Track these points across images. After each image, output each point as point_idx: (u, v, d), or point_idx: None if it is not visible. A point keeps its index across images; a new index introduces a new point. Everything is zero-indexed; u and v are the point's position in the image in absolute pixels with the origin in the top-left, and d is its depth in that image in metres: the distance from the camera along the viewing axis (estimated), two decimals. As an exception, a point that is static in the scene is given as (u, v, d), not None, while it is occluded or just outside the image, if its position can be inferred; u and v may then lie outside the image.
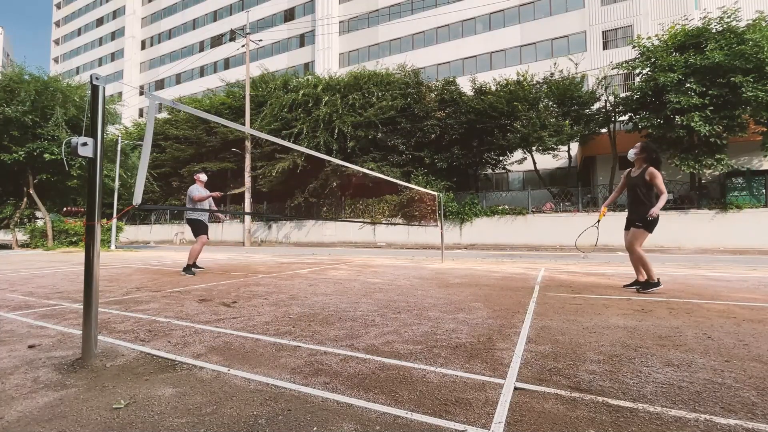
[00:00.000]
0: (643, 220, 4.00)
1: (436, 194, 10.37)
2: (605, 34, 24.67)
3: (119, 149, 16.27)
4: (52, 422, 1.37)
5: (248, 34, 23.04)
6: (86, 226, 2.01)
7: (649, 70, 15.09)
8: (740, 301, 3.62)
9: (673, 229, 14.73)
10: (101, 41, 54.92)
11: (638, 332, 2.53)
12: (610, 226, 15.67)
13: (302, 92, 21.48)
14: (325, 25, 34.32)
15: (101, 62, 54.05)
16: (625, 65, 16.00)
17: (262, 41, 31.52)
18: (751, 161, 17.31)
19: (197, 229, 6.28)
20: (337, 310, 3.29)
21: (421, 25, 30.59)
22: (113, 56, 52.79)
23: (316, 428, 1.32)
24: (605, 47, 24.52)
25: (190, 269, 6.07)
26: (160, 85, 46.95)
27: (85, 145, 1.94)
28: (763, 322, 2.82)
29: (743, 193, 15.11)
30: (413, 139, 20.00)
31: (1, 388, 1.67)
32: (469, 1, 28.50)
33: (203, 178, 6.57)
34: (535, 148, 17.97)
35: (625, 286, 4.44)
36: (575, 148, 21.27)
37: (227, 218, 23.55)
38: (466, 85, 20.32)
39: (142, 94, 42.95)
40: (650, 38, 15.54)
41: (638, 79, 16.21)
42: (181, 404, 1.50)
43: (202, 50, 43.84)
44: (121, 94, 41.41)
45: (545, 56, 25.64)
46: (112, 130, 18.11)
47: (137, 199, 2.27)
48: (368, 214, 20.77)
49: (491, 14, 28.18)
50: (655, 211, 3.91)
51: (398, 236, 19.53)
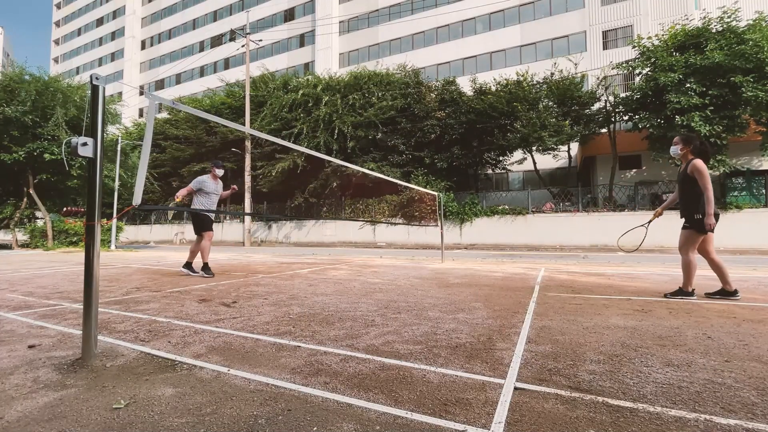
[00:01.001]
0: (690, 219, 3.68)
1: (436, 194, 10.37)
2: (605, 34, 24.67)
3: (119, 149, 16.27)
4: (52, 422, 1.37)
5: (248, 34, 23.05)
6: (86, 226, 2.01)
7: (649, 70, 15.09)
8: (740, 301, 3.62)
9: (673, 229, 14.64)
10: (101, 41, 54.92)
11: (638, 332, 2.53)
12: (610, 227, 15.82)
13: (302, 92, 21.48)
14: (325, 25, 34.32)
15: (101, 62, 54.05)
16: (625, 65, 16.00)
17: (262, 41, 31.52)
18: (751, 161, 17.31)
19: (199, 224, 5.77)
20: (337, 310, 3.29)
21: (421, 25, 30.59)
22: (113, 56, 52.79)
23: (316, 428, 1.32)
24: (605, 47, 24.52)
25: (207, 269, 5.63)
26: (160, 85, 46.94)
27: (85, 145, 1.94)
28: (763, 322, 2.82)
29: (743, 193, 15.11)
30: (413, 139, 20.00)
31: (1, 388, 1.67)
32: (469, 1, 28.49)
33: (219, 172, 6.01)
34: (535, 148, 17.97)
35: (707, 294, 3.90)
36: (575, 148, 21.27)
37: (236, 219, 23.48)
38: (466, 85, 20.32)
39: (142, 94, 42.95)
40: (650, 38, 15.54)
41: (638, 79, 16.22)
42: (181, 404, 1.50)
43: (202, 50, 43.84)
44: (121, 94, 41.40)
45: (545, 56, 25.64)
46: (112, 130, 18.11)
47: (137, 199, 2.27)
48: (368, 214, 20.77)
49: (491, 14, 28.18)
50: (708, 219, 3.53)
51: (398, 236, 19.53)
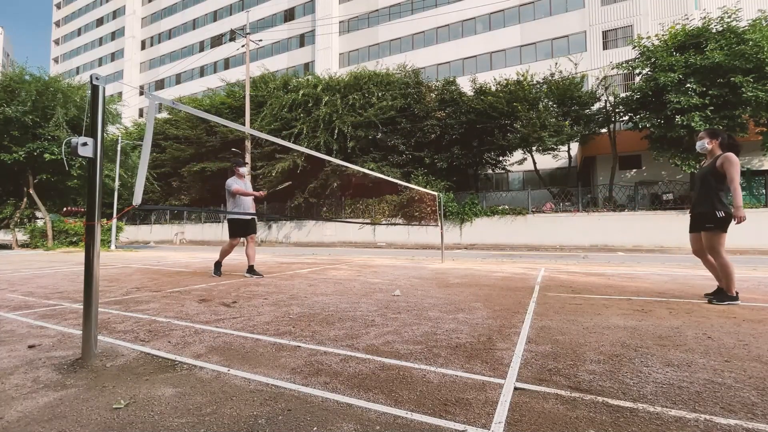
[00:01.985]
0: (713, 218, 3.43)
1: (436, 194, 10.37)
2: (605, 34, 24.68)
3: (119, 149, 16.28)
4: (52, 422, 1.37)
5: (248, 34, 23.04)
6: (86, 226, 2.01)
7: (649, 70, 15.10)
8: (740, 301, 3.62)
9: (673, 228, 14.73)
10: (101, 41, 54.93)
11: (638, 332, 2.53)
12: (608, 227, 15.84)
13: (302, 92, 21.48)
14: (325, 25, 34.32)
15: (101, 62, 54.06)
16: (625, 65, 16.00)
17: (262, 41, 31.52)
18: (751, 161, 17.31)
19: (231, 228, 5.70)
20: (337, 310, 3.29)
21: (421, 25, 30.59)
22: (113, 56, 52.79)
23: (316, 428, 1.32)
24: (605, 47, 24.52)
25: (216, 266, 5.71)
26: (160, 85, 46.95)
27: (85, 145, 1.94)
28: (763, 322, 2.82)
29: (743, 193, 15.07)
30: (413, 139, 20.00)
31: (1, 388, 1.67)
32: (469, 1, 28.49)
33: (243, 171, 5.83)
34: (535, 148, 17.98)
35: (707, 294, 3.79)
36: (575, 148, 21.28)
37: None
38: (466, 85, 20.32)
39: (142, 94, 42.97)
40: (650, 38, 15.54)
41: (638, 79, 16.22)
42: (181, 404, 1.50)
43: (202, 50, 43.84)
44: (121, 94, 41.40)
45: (545, 56, 25.64)
46: (112, 130, 18.12)
47: (137, 199, 2.27)
48: (368, 214, 20.77)
49: (491, 14, 28.18)
50: (739, 212, 3.33)
51: (398, 236, 19.53)
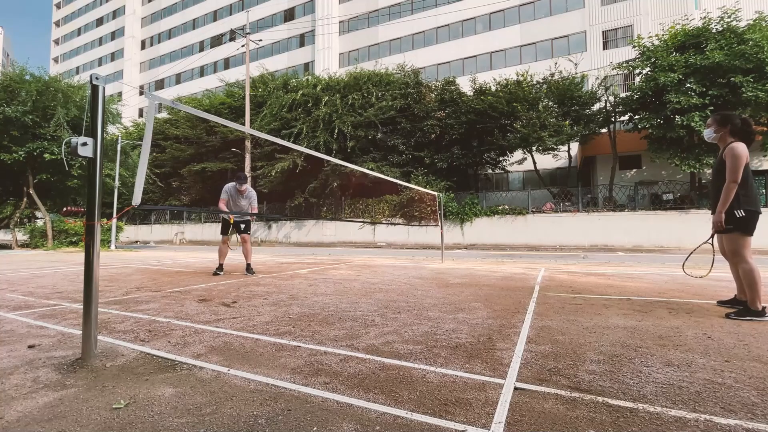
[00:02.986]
0: (731, 218, 2.96)
1: (436, 194, 10.37)
2: (605, 34, 24.67)
3: (119, 149, 16.28)
4: (52, 422, 1.37)
5: (248, 34, 23.05)
6: (86, 226, 2.01)
7: (649, 70, 15.09)
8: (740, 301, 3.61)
9: (673, 228, 14.73)
10: (101, 41, 54.92)
11: (638, 332, 2.53)
12: (608, 226, 15.84)
13: (302, 92, 21.48)
14: (325, 25, 34.32)
15: (101, 62, 54.05)
16: (625, 65, 16.00)
17: (262, 41, 31.51)
18: (751, 161, 17.28)
19: (222, 226, 6.33)
20: (337, 310, 3.29)
21: (421, 25, 30.59)
22: (113, 56, 52.78)
23: (316, 428, 1.32)
24: (605, 47, 24.52)
25: (218, 268, 6.15)
26: (160, 85, 46.94)
27: (84, 145, 1.94)
28: (763, 322, 2.82)
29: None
30: (413, 139, 20.00)
31: (1, 388, 1.67)
32: (469, 1, 28.49)
33: (243, 187, 6.00)
34: (535, 148, 17.97)
35: (720, 302, 3.44)
36: (575, 148, 21.27)
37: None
38: (466, 85, 20.32)
39: (142, 94, 42.95)
40: (650, 38, 15.53)
41: (638, 79, 16.21)
42: (181, 404, 1.50)
43: (201, 50, 43.83)
44: (121, 94, 41.39)
45: (545, 56, 25.64)
46: (112, 129, 18.12)
47: (137, 199, 2.27)
48: (368, 214, 20.77)
49: (491, 14, 28.18)
50: (716, 217, 2.98)
51: (398, 236, 19.53)
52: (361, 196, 21.03)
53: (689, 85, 13.68)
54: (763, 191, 14.95)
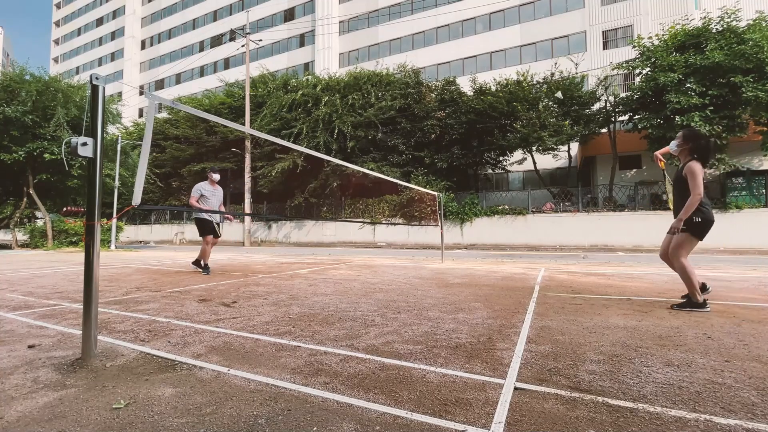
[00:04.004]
0: (687, 222, 3.33)
1: (436, 194, 10.37)
2: (605, 34, 24.67)
3: (119, 148, 16.28)
4: (52, 422, 1.37)
5: (248, 34, 23.04)
6: (86, 226, 2.01)
7: (649, 70, 15.09)
8: (740, 301, 3.62)
9: (673, 229, 14.70)
10: (101, 41, 54.91)
11: (638, 332, 2.53)
12: (608, 226, 15.83)
13: (301, 92, 21.48)
14: (325, 25, 34.32)
15: (101, 62, 54.04)
16: (625, 65, 15.99)
17: (262, 41, 31.52)
18: (751, 161, 17.31)
19: (200, 228, 6.21)
20: (337, 310, 3.29)
21: (421, 25, 30.59)
22: (113, 56, 52.77)
23: (316, 428, 1.32)
24: (605, 47, 24.52)
25: (204, 267, 6.06)
26: (160, 85, 46.94)
27: (84, 145, 1.94)
28: (763, 322, 2.82)
29: (743, 193, 15.10)
30: (413, 139, 19.99)
31: (1, 388, 1.67)
32: (469, 1, 28.49)
33: (216, 177, 6.32)
34: (535, 148, 17.97)
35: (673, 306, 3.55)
36: (575, 148, 21.27)
37: (236, 220, 23.41)
38: (466, 85, 20.31)
39: (142, 93, 42.95)
40: (650, 38, 15.53)
41: (638, 79, 16.21)
42: (181, 404, 1.50)
43: (201, 50, 43.82)
44: (121, 94, 41.41)
45: (545, 56, 25.64)
46: (112, 129, 18.12)
47: (137, 199, 2.27)
48: (368, 214, 20.76)
49: (491, 14, 28.17)
50: (675, 223, 3.31)
51: (398, 236, 19.53)
52: (361, 196, 21.03)
53: (689, 85, 13.68)
54: (763, 191, 14.95)
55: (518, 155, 20.11)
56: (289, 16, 38.09)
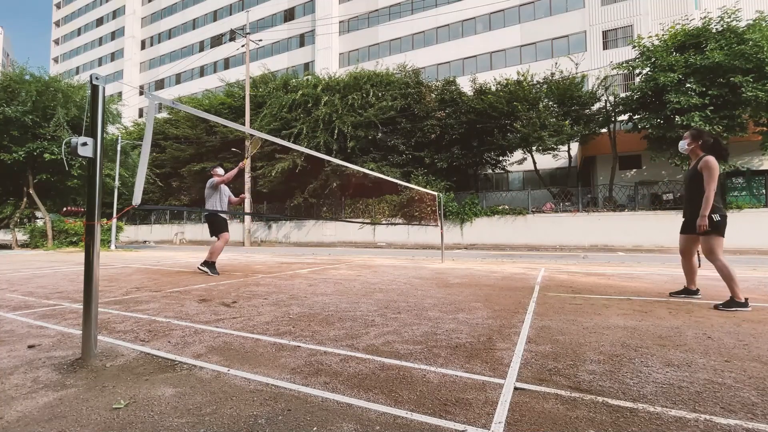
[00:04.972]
0: (710, 223, 3.36)
1: (436, 194, 10.37)
2: (605, 34, 24.67)
3: (119, 148, 16.28)
4: (52, 422, 1.37)
5: (248, 34, 23.04)
6: (86, 226, 2.01)
7: (649, 70, 15.08)
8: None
9: (673, 228, 14.64)
10: (101, 41, 54.92)
11: (638, 332, 2.53)
12: (608, 226, 15.83)
13: (301, 92, 21.48)
14: (325, 25, 34.32)
15: (101, 62, 54.06)
16: (625, 65, 15.99)
17: (262, 41, 31.52)
18: (751, 161, 17.31)
19: (218, 224, 6.05)
20: (337, 310, 3.29)
21: (421, 25, 30.59)
22: (113, 56, 52.78)
23: (316, 428, 1.32)
24: (605, 47, 24.52)
25: (213, 267, 5.90)
26: (160, 85, 46.94)
27: (84, 145, 1.94)
28: (763, 322, 2.82)
29: (743, 193, 15.10)
30: (413, 139, 19.99)
31: (1, 388, 1.67)
32: (469, 1, 28.50)
33: (220, 171, 6.28)
34: (535, 148, 17.97)
35: (671, 293, 3.94)
36: (575, 148, 21.28)
37: (236, 219, 23.43)
38: (466, 85, 20.31)
39: (142, 94, 42.96)
40: (650, 38, 15.53)
41: (638, 79, 16.21)
42: (181, 404, 1.50)
43: (201, 50, 43.83)
44: (121, 94, 41.40)
45: (545, 56, 25.64)
46: (112, 129, 18.13)
47: (137, 199, 2.27)
48: (368, 214, 20.76)
49: (491, 14, 28.18)
50: (700, 220, 3.32)
51: (398, 236, 19.53)
52: (361, 196, 21.02)
53: (689, 85, 13.68)
54: (763, 191, 14.95)
55: (518, 155, 20.11)
56: (289, 16, 38.10)
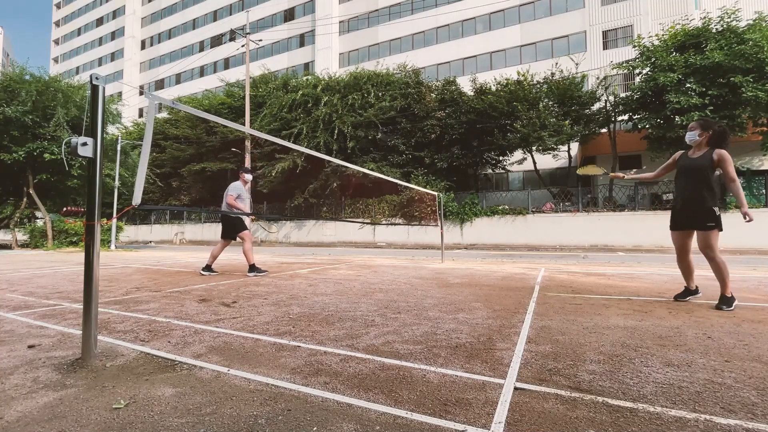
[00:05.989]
0: (712, 216, 3.28)
1: (436, 194, 10.37)
2: (605, 34, 24.67)
3: (119, 148, 16.28)
4: (52, 422, 1.37)
5: (248, 34, 23.04)
6: (86, 226, 2.01)
7: (649, 70, 15.09)
8: (740, 301, 3.62)
9: (673, 229, 14.70)
10: (101, 41, 54.93)
11: (638, 332, 2.53)
12: (608, 227, 15.83)
13: (301, 92, 21.48)
14: (325, 25, 34.32)
15: (101, 62, 54.06)
16: (625, 65, 16.00)
17: (262, 41, 31.51)
18: (751, 161, 17.32)
19: (237, 226, 5.98)
20: (337, 310, 3.29)
21: (421, 25, 30.59)
22: (113, 56, 52.79)
23: (316, 428, 1.32)
24: (605, 47, 24.52)
25: (256, 269, 5.83)
26: (160, 85, 46.95)
27: (84, 145, 1.94)
28: (763, 322, 2.82)
29: (743, 193, 15.11)
30: (413, 139, 19.99)
31: (0, 388, 1.67)
32: (469, 1, 28.50)
33: (248, 177, 6.10)
34: (535, 148, 17.97)
35: (677, 297, 3.72)
36: (575, 148, 21.28)
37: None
38: (466, 85, 20.31)
39: (142, 94, 42.95)
40: (650, 38, 15.54)
41: (638, 79, 16.21)
42: (181, 404, 1.50)
43: (201, 50, 43.83)
44: (121, 94, 41.39)
45: (545, 56, 25.64)
46: (112, 129, 18.13)
47: (137, 199, 2.27)
48: (368, 214, 20.76)
49: (491, 14, 28.18)
50: (745, 210, 3.24)
51: (398, 236, 19.53)
52: (361, 196, 21.02)
53: (689, 85, 13.68)
54: (763, 191, 14.95)
55: (518, 155, 20.11)
56: (289, 16, 38.10)
